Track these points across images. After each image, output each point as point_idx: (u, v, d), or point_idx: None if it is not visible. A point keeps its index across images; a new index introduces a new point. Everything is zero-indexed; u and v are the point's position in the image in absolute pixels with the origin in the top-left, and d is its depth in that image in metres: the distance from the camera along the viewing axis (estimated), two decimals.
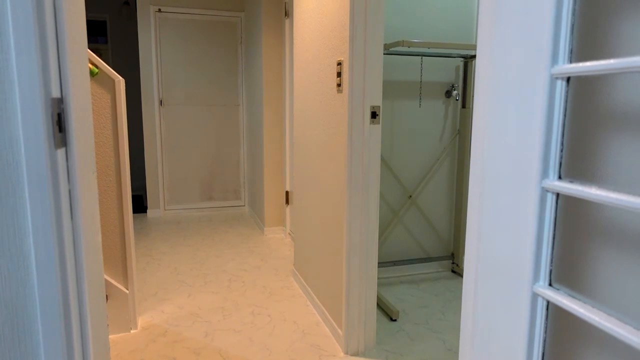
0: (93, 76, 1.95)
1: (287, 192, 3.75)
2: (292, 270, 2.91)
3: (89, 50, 1.94)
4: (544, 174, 0.53)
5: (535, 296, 0.56)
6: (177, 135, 4.52)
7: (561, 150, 0.53)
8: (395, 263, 2.87)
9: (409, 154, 2.86)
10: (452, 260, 3.03)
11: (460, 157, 2.93)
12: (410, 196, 2.89)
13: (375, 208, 1.96)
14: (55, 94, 0.69)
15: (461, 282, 2.86)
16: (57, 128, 0.68)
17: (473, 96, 2.91)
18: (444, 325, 2.29)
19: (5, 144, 0.64)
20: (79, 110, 0.78)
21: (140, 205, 4.95)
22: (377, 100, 1.86)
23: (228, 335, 2.16)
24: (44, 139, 0.65)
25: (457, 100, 2.89)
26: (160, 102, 4.40)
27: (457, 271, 3.00)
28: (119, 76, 2.04)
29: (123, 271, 2.14)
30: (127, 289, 2.15)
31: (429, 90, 2.81)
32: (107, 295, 2.10)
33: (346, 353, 2.00)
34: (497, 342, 0.65)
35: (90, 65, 1.91)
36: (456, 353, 2.04)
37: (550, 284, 0.55)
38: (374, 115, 1.86)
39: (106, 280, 2.09)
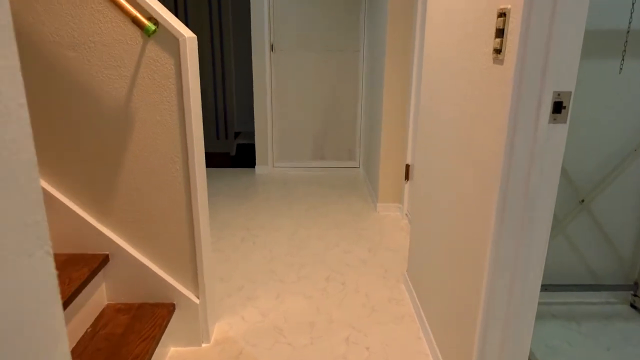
0: (149, 35, 1.46)
1: (407, 166, 3.08)
2: (404, 275, 2.32)
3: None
4: None
5: None
6: (288, 84, 4.02)
7: None
8: (546, 288, 2.10)
9: (589, 141, 1.96)
10: (634, 292, 2.15)
11: None
12: (583, 200, 2.03)
13: (543, 247, 1.24)
14: None
15: None
16: None
17: None
18: None
19: None
20: None
21: (252, 157, 4.68)
22: (569, 83, 1.07)
23: None
24: None
25: None
26: (271, 47, 3.90)
27: (639, 308, 2.12)
28: (187, 32, 1.53)
29: (193, 276, 1.76)
30: (198, 298, 1.78)
31: (638, 44, 1.83)
32: (174, 305, 1.75)
33: None
34: None
35: (144, 20, 1.42)
36: None
37: None
38: (558, 107, 1.09)
39: (172, 287, 1.74)
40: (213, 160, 4.77)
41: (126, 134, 1.58)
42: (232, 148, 5.03)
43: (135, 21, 1.41)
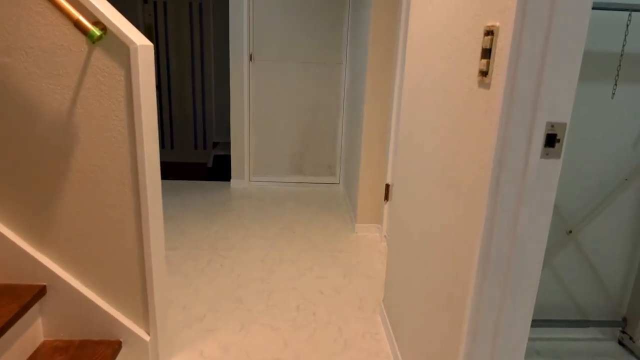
0: (93, 42, 1.29)
1: (387, 185, 2.94)
2: (380, 304, 2.17)
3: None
4: None
5: None
6: (267, 96, 3.87)
7: None
8: (531, 322, 1.96)
9: (578, 169, 1.85)
10: (622, 329, 2.03)
11: None
12: (571, 231, 1.91)
13: (533, 291, 1.10)
14: None
15: None
16: None
17: None
18: None
19: None
20: None
21: (229, 169, 4.51)
22: (564, 113, 0.94)
23: None
24: None
25: None
26: (250, 57, 3.75)
27: (628, 345, 2.00)
28: (140, 40, 1.36)
29: (143, 310, 1.58)
30: (149, 334, 1.59)
31: (634, 68, 1.72)
32: (120, 342, 1.56)
33: None
34: None
35: (87, 25, 1.25)
36: None
37: None
38: (551, 141, 0.95)
39: (119, 322, 1.55)
40: (189, 171, 4.58)
41: (68, 151, 1.40)
42: (209, 159, 4.85)
43: (77, 25, 1.24)
